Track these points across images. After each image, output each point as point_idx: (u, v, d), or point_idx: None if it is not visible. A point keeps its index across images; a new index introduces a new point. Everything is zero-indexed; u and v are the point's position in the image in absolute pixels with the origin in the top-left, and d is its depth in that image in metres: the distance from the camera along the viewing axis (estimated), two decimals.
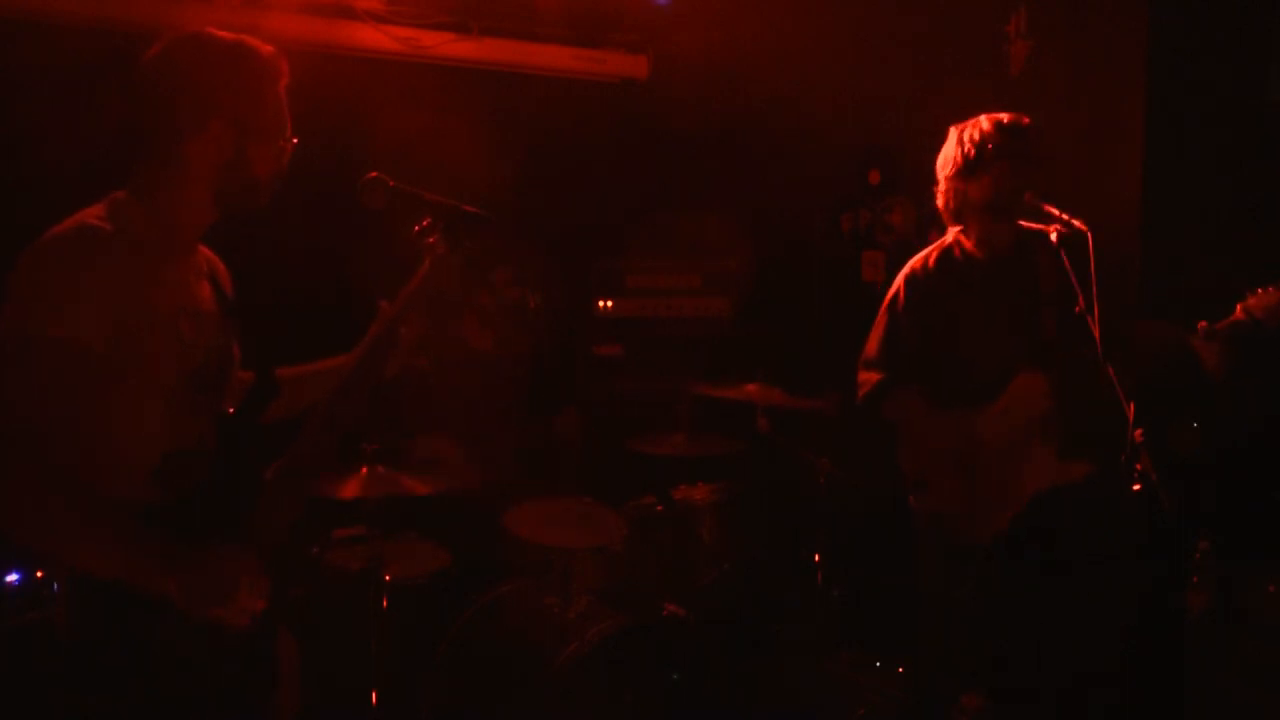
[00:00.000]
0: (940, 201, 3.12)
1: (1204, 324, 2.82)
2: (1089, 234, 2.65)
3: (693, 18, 4.64)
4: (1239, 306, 2.79)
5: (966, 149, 3.00)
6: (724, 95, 4.75)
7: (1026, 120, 3.01)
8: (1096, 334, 2.60)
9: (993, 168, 2.96)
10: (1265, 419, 3.40)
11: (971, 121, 3.05)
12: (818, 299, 4.85)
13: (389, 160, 2.27)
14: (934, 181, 3.16)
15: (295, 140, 2.02)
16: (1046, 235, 2.83)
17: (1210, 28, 3.51)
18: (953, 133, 3.09)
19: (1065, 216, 2.77)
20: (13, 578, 3.06)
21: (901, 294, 3.11)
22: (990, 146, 2.96)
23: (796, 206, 4.86)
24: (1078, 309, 2.63)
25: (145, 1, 3.72)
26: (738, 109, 4.77)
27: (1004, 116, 3.01)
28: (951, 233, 3.17)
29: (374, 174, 2.09)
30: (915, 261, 3.16)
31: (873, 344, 3.16)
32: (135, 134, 1.91)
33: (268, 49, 1.97)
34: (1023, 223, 3.04)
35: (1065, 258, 2.72)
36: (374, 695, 3.22)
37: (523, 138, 4.44)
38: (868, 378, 3.14)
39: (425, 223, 2.08)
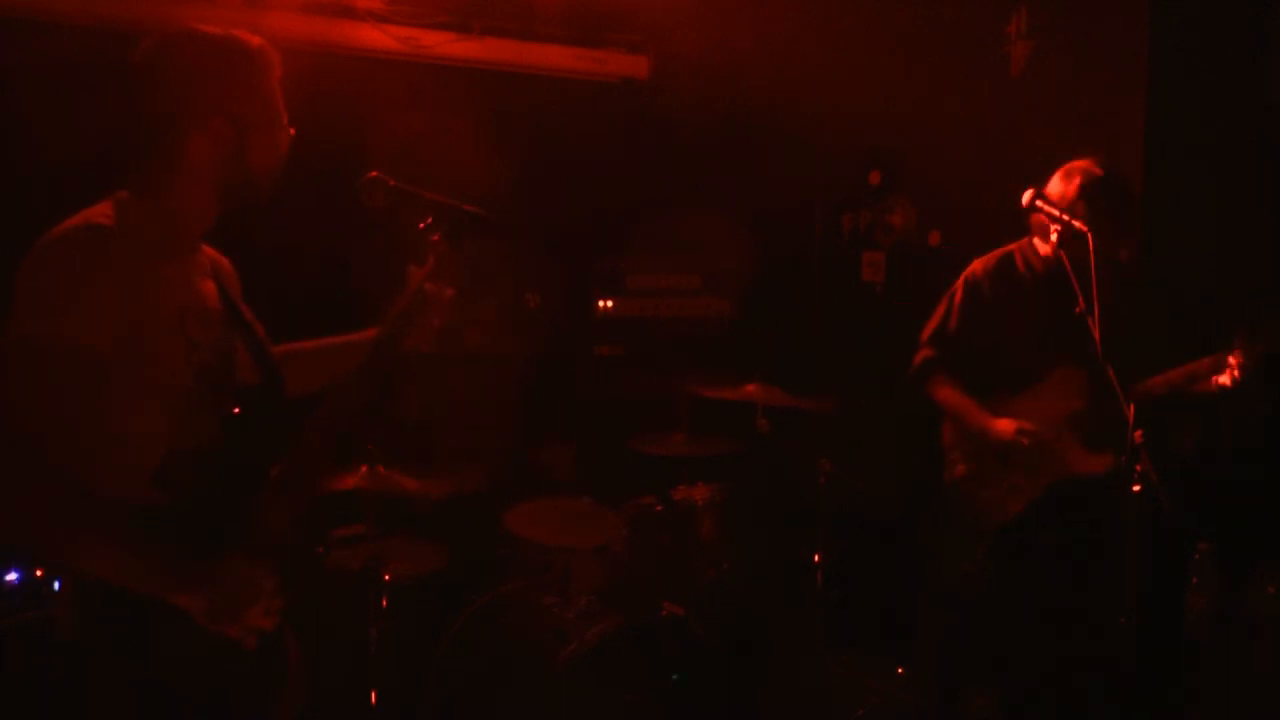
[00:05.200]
0: (1042, 220, 3.12)
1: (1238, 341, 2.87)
2: (1089, 234, 2.65)
3: (693, 18, 4.64)
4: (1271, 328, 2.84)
5: (1107, 205, 3.01)
6: (724, 95, 4.75)
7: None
8: (1096, 334, 2.60)
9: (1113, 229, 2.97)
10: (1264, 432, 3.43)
11: (1102, 172, 3.07)
12: (818, 299, 4.85)
13: (389, 159, 2.27)
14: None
15: (293, 130, 2.01)
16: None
17: (1211, 28, 3.51)
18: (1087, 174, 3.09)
19: (1065, 217, 2.77)
20: (12, 576, 3.06)
21: (959, 292, 3.27)
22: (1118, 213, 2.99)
23: (797, 206, 4.86)
24: (1078, 309, 2.64)
25: (147, 1, 3.72)
26: (738, 109, 4.77)
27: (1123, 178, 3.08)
28: (1023, 242, 3.25)
29: (374, 173, 2.09)
30: (978, 264, 3.30)
31: (929, 327, 3.33)
32: (134, 133, 1.91)
33: (257, 41, 1.97)
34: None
35: (1065, 258, 2.73)
36: (374, 695, 3.22)
37: (523, 138, 4.43)
38: (920, 355, 3.32)
39: (429, 220, 2.08)
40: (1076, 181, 3.08)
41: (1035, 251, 3.22)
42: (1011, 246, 3.28)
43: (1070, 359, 3.10)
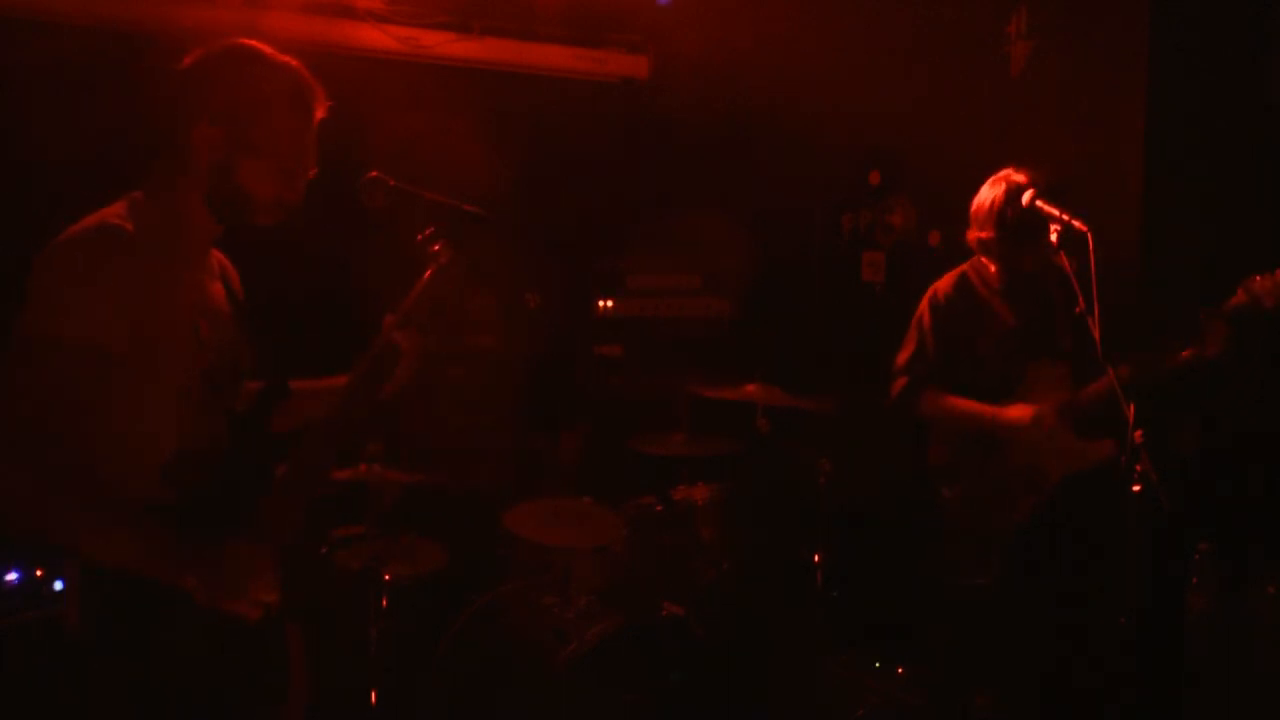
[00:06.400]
0: (977, 239, 3.18)
1: (1205, 310, 2.86)
2: (1089, 234, 2.65)
3: (694, 18, 4.64)
4: (1240, 289, 2.83)
5: (1026, 222, 2.99)
6: (725, 95, 4.75)
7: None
8: (1096, 335, 2.60)
9: (1045, 249, 2.96)
10: (1267, 402, 3.43)
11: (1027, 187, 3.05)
12: (818, 299, 4.86)
13: (389, 160, 2.27)
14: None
15: (313, 172, 2.00)
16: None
17: (1211, 27, 3.51)
18: (1014, 192, 3.06)
19: (1065, 217, 2.77)
20: (12, 577, 3.06)
21: (926, 316, 3.28)
22: (1049, 231, 2.94)
23: (797, 206, 4.86)
24: (1078, 310, 2.64)
25: (147, 1, 3.73)
26: (738, 109, 4.77)
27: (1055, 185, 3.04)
28: (973, 261, 3.29)
29: (374, 173, 2.09)
30: (940, 285, 3.32)
31: (903, 355, 3.32)
32: (152, 132, 1.92)
33: (307, 79, 1.96)
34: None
35: (1065, 258, 2.73)
36: (374, 695, 3.22)
37: (523, 138, 4.44)
38: (898, 383, 3.30)
39: (429, 230, 2.08)
40: (1002, 189, 3.10)
41: (986, 268, 3.25)
42: (964, 267, 3.31)
43: (1043, 356, 3.13)
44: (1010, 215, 3.06)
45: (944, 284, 3.30)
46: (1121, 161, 3.51)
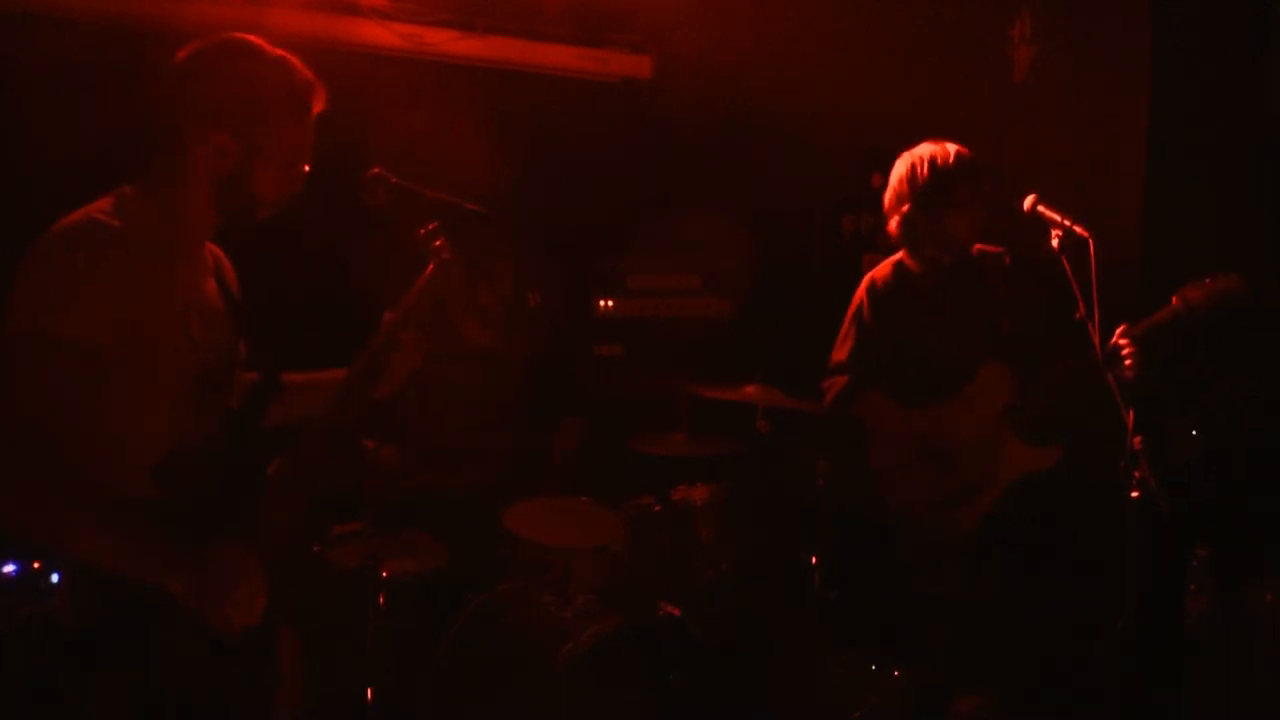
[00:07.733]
0: (897, 223, 3.16)
1: (1124, 326, 2.85)
2: (1090, 239, 2.65)
3: (696, 18, 4.64)
4: (1174, 298, 2.82)
5: (939, 181, 3.02)
6: (727, 96, 4.75)
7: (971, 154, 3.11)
8: (1096, 340, 2.60)
9: (967, 206, 2.98)
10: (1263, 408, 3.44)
11: (930, 152, 3.07)
12: (818, 300, 4.85)
13: (391, 157, 2.27)
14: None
15: (308, 168, 2.00)
16: (997, 255, 3.06)
17: (1213, 32, 3.51)
18: (918, 161, 3.10)
19: (1067, 222, 2.77)
20: (9, 569, 3.05)
21: (866, 305, 3.24)
22: (964, 183, 2.97)
23: (798, 207, 4.86)
24: (1078, 315, 2.64)
25: None
26: (740, 110, 4.77)
27: (963, 151, 3.07)
28: (899, 255, 3.29)
29: (376, 171, 2.09)
30: (875, 272, 3.30)
31: (841, 351, 3.30)
32: (152, 129, 1.91)
33: (307, 74, 1.95)
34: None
35: (1066, 263, 2.73)
36: (371, 693, 3.22)
37: (525, 136, 4.43)
38: (835, 381, 3.27)
39: (431, 226, 2.08)
40: (908, 161, 3.15)
41: (913, 261, 3.23)
42: (898, 255, 3.28)
43: (990, 356, 3.12)
44: (919, 181, 3.07)
45: (881, 271, 3.26)
46: (1123, 164, 3.52)
